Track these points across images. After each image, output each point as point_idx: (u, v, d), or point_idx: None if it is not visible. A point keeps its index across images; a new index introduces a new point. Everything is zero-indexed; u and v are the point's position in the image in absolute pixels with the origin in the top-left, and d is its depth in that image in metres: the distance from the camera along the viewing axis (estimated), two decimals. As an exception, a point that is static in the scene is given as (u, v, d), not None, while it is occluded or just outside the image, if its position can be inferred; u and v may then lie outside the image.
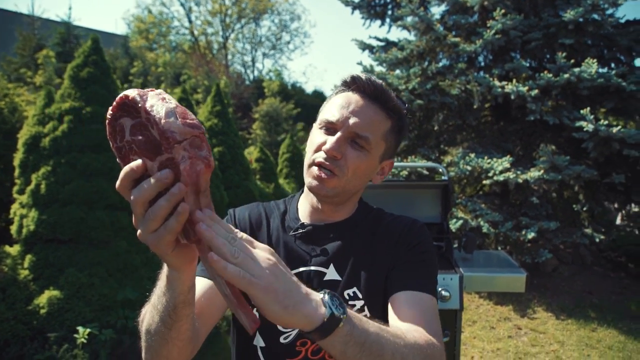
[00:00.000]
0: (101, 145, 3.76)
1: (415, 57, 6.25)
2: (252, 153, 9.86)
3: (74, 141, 3.68)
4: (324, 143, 0.99)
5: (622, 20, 5.90)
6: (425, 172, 5.93)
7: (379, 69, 6.68)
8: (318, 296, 0.69)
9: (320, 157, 0.99)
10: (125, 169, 0.64)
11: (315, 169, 1.00)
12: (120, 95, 0.64)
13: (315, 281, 1.04)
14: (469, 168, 5.17)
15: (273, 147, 14.87)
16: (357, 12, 7.61)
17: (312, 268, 1.05)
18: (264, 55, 30.02)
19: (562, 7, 5.77)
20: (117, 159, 0.68)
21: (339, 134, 0.98)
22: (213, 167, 0.65)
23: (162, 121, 0.61)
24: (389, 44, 7.11)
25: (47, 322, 3.22)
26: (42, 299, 3.26)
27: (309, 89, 28.35)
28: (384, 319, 1.01)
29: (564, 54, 5.20)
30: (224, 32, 26.62)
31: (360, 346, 0.70)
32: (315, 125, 1.06)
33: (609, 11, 5.54)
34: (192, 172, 0.62)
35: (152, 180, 0.62)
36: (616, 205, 5.86)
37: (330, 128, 1.01)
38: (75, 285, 3.36)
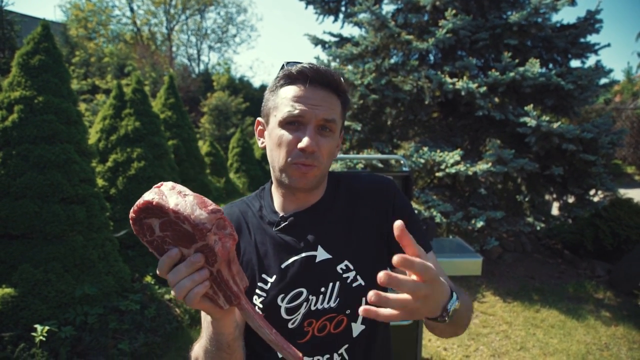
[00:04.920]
0: (55, 136, 3.61)
1: (370, 53, 6.40)
2: (201, 147, 9.74)
3: (26, 132, 3.51)
4: (297, 140, 1.00)
5: (559, 25, 6.35)
6: (379, 164, 6.11)
7: (333, 64, 6.79)
8: (444, 302, 0.80)
9: (299, 155, 1.01)
10: (164, 258, 0.76)
11: (295, 167, 1.02)
12: (142, 200, 0.73)
13: (308, 266, 1.08)
14: (422, 161, 5.38)
15: (222, 142, 14.66)
16: (310, 7, 7.67)
17: (303, 255, 1.09)
18: (210, 48, 29.47)
19: (506, 9, 6.12)
20: (150, 249, 0.78)
21: (309, 128, 1.00)
22: (237, 239, 0.77)
23: (192, 216, 0.71)
24: (342, 40, 7.22)
25: (1, 321, 3.07)
26: (-5, 297, 3.10)
27: (256, 83, 28.08)
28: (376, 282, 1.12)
29: (509, 54, 5.52)
30: (168, 23, 25.85)
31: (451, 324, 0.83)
32: (274, 124, 1.05)
33: (547, 15, 5.95)
34: (225, 250, 0.74)
35: (186, 264, 0.75)
36: (554, 196, 6.30)
37: (294, 122, 1.01)
38: (30, 282, 3.22)
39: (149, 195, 0.72)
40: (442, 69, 6.00)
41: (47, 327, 3.05)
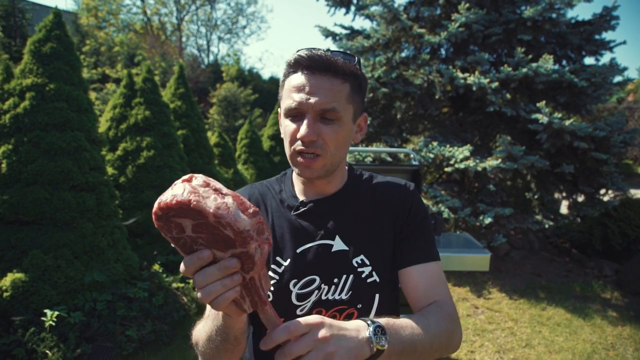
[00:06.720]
0: (66, 123, 3.63)
1: (381, 46, 6.36)
2: (210, 138, 9.72)
3: (37, 119, 3.53)
4: (297, 130, 1.01)
5: (573, 21, 6.26)
6: (388, 158, 6.10)
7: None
8: (364, 333, 0.80)
9: (299, 145, 1.01)
10: (194, 259, 0.71)
11: (299, 157, 1.03)
12: (174, 200, 0.65)
13: (324, 254, 1.08)
14: (431, 156, 5.36)
15: (231, 133, 14.67)
16: (322, -1, 7.63)
17: (319, 242, 1.09)
18: (220, 39, 29.41)
19: (520, 4, 6.05)
20: (173, 244, 0.72)
21: (308, 117, 0.99)
22: (272, 243, 0.75)
23: (236, 223, 0.66)
24: (353, 32, 7.19)
25: (11, 305, 3.11)
26: (6, 282, 3.13)
27: (265, 75, 28.06)
28: (392, 280, 1.11)
29: (522, 50, 5.46)
30: (178, 13, 25.83)
31: (399, 354, 0.84)
32: (282, 115, 1.08)
33: (562, 11, 5.87)
34: (263, 257, 0.71)
35: (218, 267, 0.70)
36: (564, 194, 6.25)
37: (295, 114, 1.02)
38: (40, 268, 3.25)
39: (184, 194, 0.65)
40: (454, 63, 5.95)
41: (56, 312, 3.08)
